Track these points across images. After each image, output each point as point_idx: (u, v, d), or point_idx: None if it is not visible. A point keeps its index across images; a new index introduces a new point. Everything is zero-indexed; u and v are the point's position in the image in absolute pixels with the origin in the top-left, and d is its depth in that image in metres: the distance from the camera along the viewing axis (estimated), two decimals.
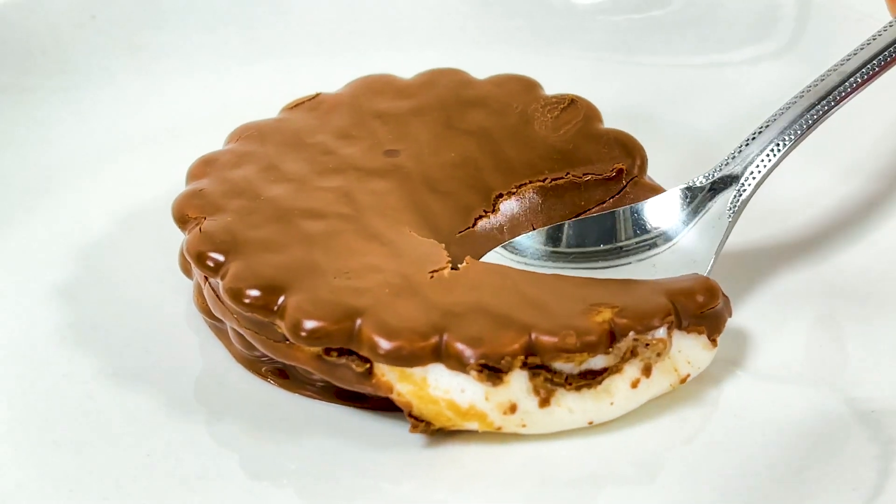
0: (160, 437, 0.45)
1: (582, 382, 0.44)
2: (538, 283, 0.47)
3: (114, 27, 0.61)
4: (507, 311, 0.45)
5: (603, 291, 0.46)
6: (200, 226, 0.48)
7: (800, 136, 0.49)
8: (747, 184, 0.48)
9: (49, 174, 0.56)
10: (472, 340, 0.44)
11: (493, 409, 0.44)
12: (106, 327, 0.49)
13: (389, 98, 0.54)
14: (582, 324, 0.44)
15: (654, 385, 0.45)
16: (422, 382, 0.44)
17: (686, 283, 0.46)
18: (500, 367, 0.44)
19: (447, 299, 0.45)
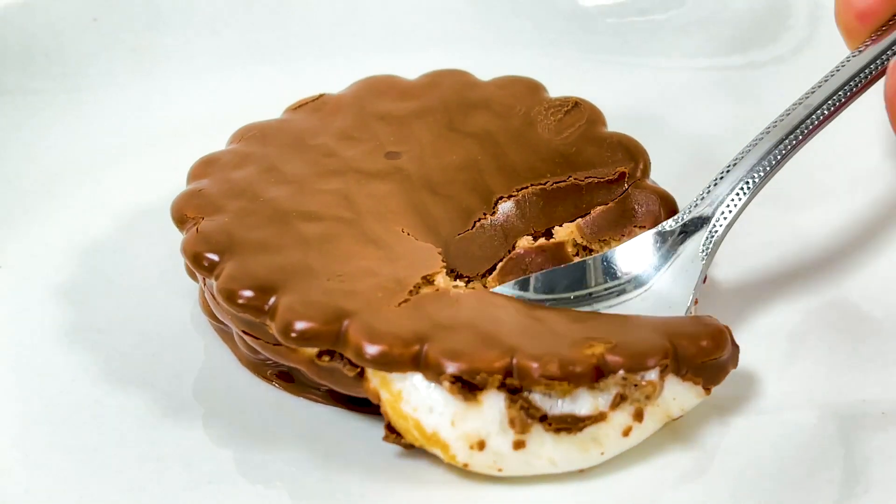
0: (169, 441, 0.46)
1: (561, 425, 0.43)
2: (539, 314, 0.46)
3: (116, 29, 0.61)
4: (495, 331, 0.44)
5: (604, 326, 0.45)
6: (198, 226, 0.48)
7: (769, 172, 0.48)
8: (718, 224, 0.47)
9: (52, 176, 0.56)
10: (452, 353, 0.43)
11: (457, 439, 0.43)
12: (112, 331, 0.49)
13: (393, 99, 0.54)
14: (569, 354, 0.43)
15: (646, 431, 0.45)
16: (397, 395, 0.44)
17: (693, 327, 0.45)
18: (476, 384, 0.43)
19: (441, 313, 0.45)
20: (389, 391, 0.44)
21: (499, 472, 0.44)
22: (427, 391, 0.43)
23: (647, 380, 0.43)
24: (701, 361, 0.44)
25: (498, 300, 0.47)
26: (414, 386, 0.43)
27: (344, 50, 0.62)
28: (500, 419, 0.43)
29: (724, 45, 0.60)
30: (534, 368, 0.43)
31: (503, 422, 0.43)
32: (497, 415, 0.43)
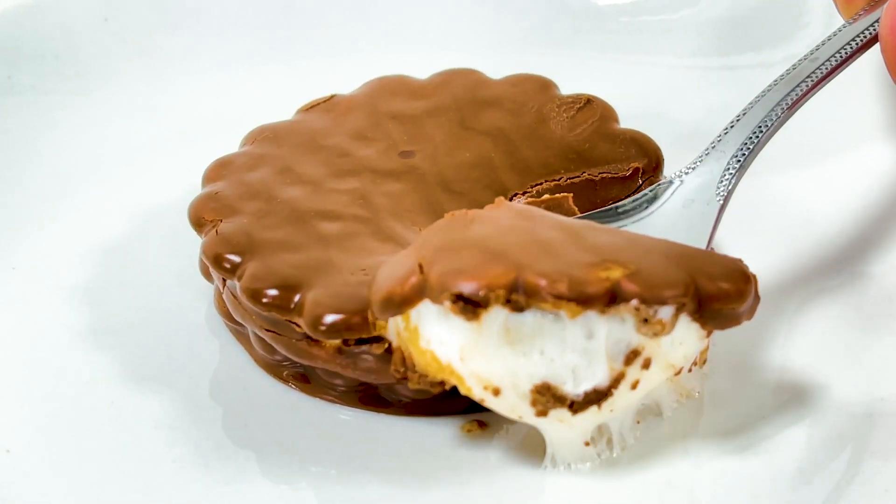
0: (185, 443, 0.46)
1: (587, 405, 0.43)
2: (562, 229, 0.44)
3: (128, 30, 0.61)
4: (506, 248, 0.42)
5: (626, 249, 0.42)
6: (217, 228, 0.48)
7: (779, 119, 0.48)
8: (732, 168, 0.47)
9: (65, 178, 0.56)
10: (454, 272, 0.41)
11: (469, 376, 0.42)
12: (127, 332, 0.49)
13: (404, 99, 0.54)
14: (581, 274, 0.41)
15: (651, 382, 0.43)
16: (414, 331, 0.43)
17: (718, 266, 0.42)
18: (479, 301, 0.41)
19: (451, 236, 0.43)
20: (408, 329, 0.43)
21: (519, 418, 0.43)
22: (436, 323, 0.42)
23: (659, 317, 0.42)
24: (718, 306, 0.42)
25: (519, 214, 0.45)
26: (426, 319, 0.43)
27: (355, 50, 0.62)
28: (512, 378, 0.42)
29: (738, 43, 0.60)
30: (542, 286, 0.41)
31: (525, 399, 0.42)
32: (507, 369, 0.42)
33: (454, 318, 0.42)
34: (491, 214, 0.44)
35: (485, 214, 0.44)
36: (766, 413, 0.46)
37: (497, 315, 0.42)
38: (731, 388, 0.47)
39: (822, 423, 0.45)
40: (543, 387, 0.42)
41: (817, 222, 0.53)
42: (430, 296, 0.42)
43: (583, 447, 0.44)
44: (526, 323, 0.42)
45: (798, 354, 0.48)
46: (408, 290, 0.42)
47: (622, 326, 0.42)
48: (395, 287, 0.42)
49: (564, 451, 0.44)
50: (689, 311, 0.42)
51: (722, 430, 0.45)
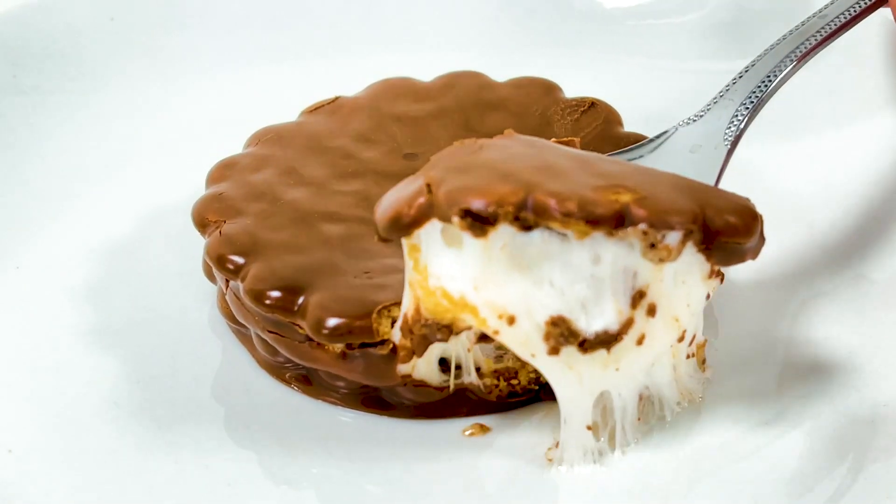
0: (187, 444, 0.46)
1: (597, 346, 0.42)
2: (571, 157, 0.44)
3: (133, 30, 0.61)
4: (516, 170, 0.42)
5: (636, 177, 0.43)
6: (220, 229, 0.48)
7: (788, 71, 0.49)
8: (740, 114, 0.48)
9: (69, 177, 0.56)
10: (463, 189, 0.41)
11: (484, 305, 0.42)
12: (130, 333, 0.50)
13: (409, 101, 0.54)
14: (592, 195, 0.41)
15: (656, 339, 0.43)
16: (423, 272, 0.43)
17: (726, 201, 0.43)
18: (487, 217, 0.41)
19: (460, 159, 0.43)
20: (417, 269, 0.43)
21: (531, 357, 0.43)
22: (447, 257, 0.42)
23: (666, 242, 0.42)
24: (725, 239, 0.42)
25: (527, 142, 0.45)
26: (436, 255, 0.43)
27: (359, 52, 0.62)
28: (526, 305, 0.42)
29: (743, 47, 0.59)
30: (551, 204, 0.41)
31: (532, 311, 0.42)
32: (521, 295, 0.42)
33: (465, 248, 0.42)
34: (500, 142, 0.44)
35: (494, 142, 0.44)
36: (768, 418, 0.46)
37: (504, 233, 0.41)
38: (732, 393, 0.46)
39: (823, 429, 0.45)
40: (559, 319, 0.42)
41: (819, 225, 0.53)
42: (437, 214, 0.42)
43: (584, 430, 0.44)
44: (532, 243, 0.42)
45: (799, 359, 0.48)
46: (415, 209, 0.42)
47: (629, 252, 0.42)
48: (402, 207, 0.42)
49: (567, 428, 0.44)
50: (695, 240, 0.42)
51: (723, 434, 0.45)
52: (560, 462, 0.44)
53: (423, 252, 0.43)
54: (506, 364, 0.46)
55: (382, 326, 0.44)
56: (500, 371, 0.46)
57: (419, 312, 0.43)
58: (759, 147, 0.55)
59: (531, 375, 0.46)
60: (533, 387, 0.47)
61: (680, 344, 0.44)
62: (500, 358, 0.46)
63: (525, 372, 0.46)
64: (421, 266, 0.43)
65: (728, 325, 0.49)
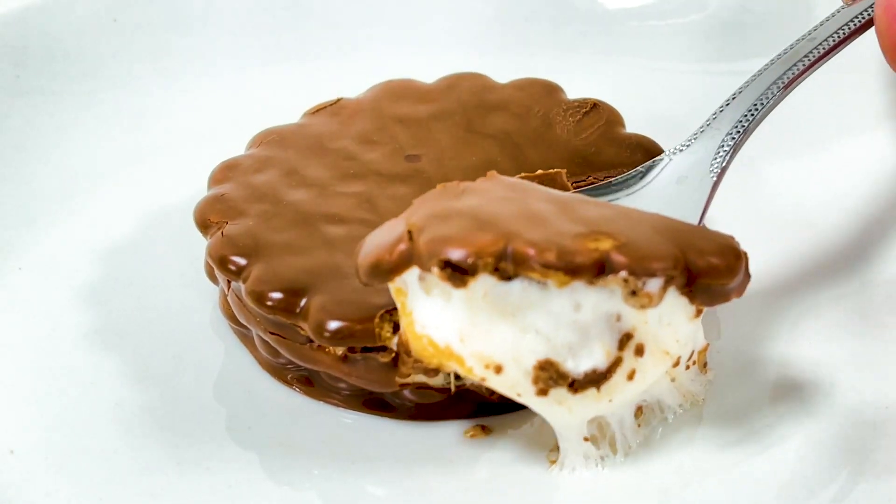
0: (189, 445, 0.46)
1: (587, 386, 0.43)
2: (552, 200, 0.44)
3: (137, 31, 0.61)
4: (496, 218, 0.42)
5: (616, 221, 0.42)
6: (223, 230, 0.48)
7: (776, 96, 0.48)
8: (727, 143, 0.47)
9: (72, 178, 0.56)
10: (442, 239, 0.41)
11: (470, 356, 0.42)
12: (132, 333, 0.50)
13: (411, 103, 0.54)
14: (571, 244, 0.41)
15: (647, 373, 0.43)
16: (409, 315, 0.43)
17: (708, 242, 0.42)
18: (467, 269, 0.41)
19: (442, 205, 0.43)
20: (404, 314, 0.43)
21: (518, 396, 0.43)
22: (431, 308, 0.42)
23: (647, 290, 0.41)
24: (707, 281, 0.42)
25: (511, 186, 0.44)
26: (420, 305, 0.43)
27: (362, 54, 0.62)
28: (514, 354, 0.42)
29: (746, 48, 0.60)
30: (531, 255, 0.41)
31: (528, 376, 0.42)
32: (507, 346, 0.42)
33: (450, 300, 0.42)
34: (482, 186, 0.44)
35: (476, 186, 0.44)
36: (770, 420, 0.46)
37: (484, 283, 0.41)
38: (734, 395, 0.46)
39: (826, 432, 0.45)
40: (546, 363, 0.42)
41: (821, 228, 0.53)
42: (418, 263, 0.42)
43: (582, 441, 0.44)
44: (513, 292, 0.42)
45: (802, 362, 0.48)
46: (396, 256, 0.42)
47: (610, 298, 0.42)
48: (383, 254, 0.42)
49: (565, 441, 0.44)
50: (677, 284, 0.42)
51: (725, 436, 0.45)
52: (562, 467, 0.44)
53: (408, 297, 0.43)
54: None
55: (384, 331, 0.45)
56: None
57: (408, 355, 0.43)
58: (763, 152, 0.55)
59: None
60: None
61: (676, 369, 0.45)
62: None
63: None
64: (408, 310, 0.43)
65: (730, 328, 0.49)
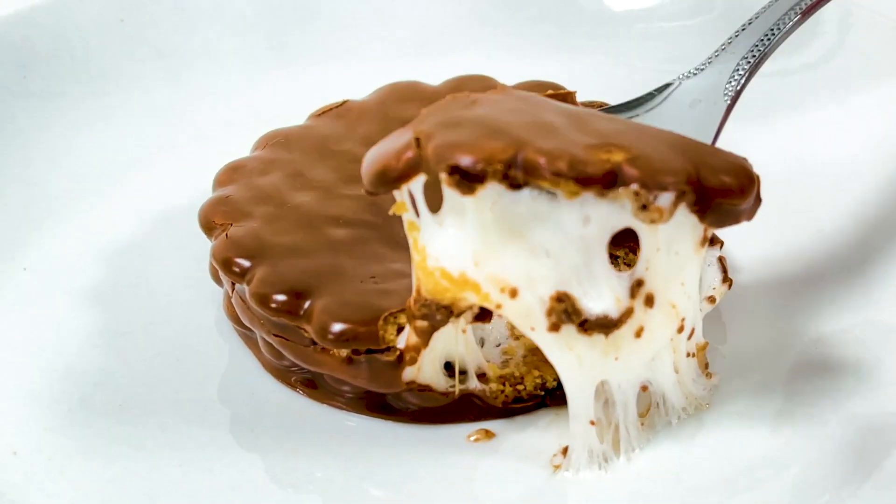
0: (192, 447, 0.46)
1: (596, 329, 0.42)
2: (565, 113, 0.43)
3: (142, 32, 0.61)
4: (507, 126, 0.41)
5: (630, 135, 0.41)
6: (227, 232, 0.48)
7: (790, 25, 0.47)
8: (741, 70, 0.46)
9: (77, 180, 0.56)
10: (452, 145, 0.40)
11: (486, 280, 0.42)
12: (136, 335, 0.50)
13: (417, 105, 0.53)
14: (583, 155, 0.40)
15: (655, 333, 0.43)
16: (423, 251, 0.42)
17: (721, 161, 0.41)
18: (476, 174, 0.40)
19: (451, 113, 0.42)
20: (417, 250, 0.43)
21: (531, 331, 0.42)
22: (446, 237, 0.42)
23: (658, 204, 0.40)
24: (719, 200, 0.41)
25: (522, 98, 0.44)
26: (435, 235, 0.42)
27: (368, 56, 0.62)
28: (527, 276, 0.41)
29: None
30: (541, 163, 0.40)
31: (533, 283, 0.41)
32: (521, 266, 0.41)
33: (464, 227, 0.41)
34: (493, 97, 0.43)
35: (487, 97, 0.43)
36: (775, 425, 0.45)
37: (492, 191, 0.41)
38: (739, 399, 0.46)
39: (831, 437, 0.45)
40: (564, 294, 0.42)
41: (828, 231, 0.53)
42: (425, 169, 0.41)
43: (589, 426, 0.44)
44: (521, 202, 0.41)
45: (807, 366, 0.47)
46: (403, 163, 0.41)
47: (620, 212, 0.41)
48: (390, 160, 0.41)
49: (574, 421, 0.43)
50: (688, 200, 0.41)
51: (729, 441, 0.45)
52: (567, 466, 0.44)
53: (421, 231, 0.42)
54: (511, 370, 0.46)
55: (388, 333, 0.44)
56: (506, 376, 0.46)
57: (420, 293, 0.43)
58: (769, 150, 0.54)
59: (537, 381, 0.46)
60: (539, 392, 0.46)
61: (680, 335, 0.44)
62: (506, 363, 0.46)
63: (531, 377, 0.46)
64: (420, 246, 0.42)
65: (735, 332, 0.49)
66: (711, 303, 0.48)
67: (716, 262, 0.49)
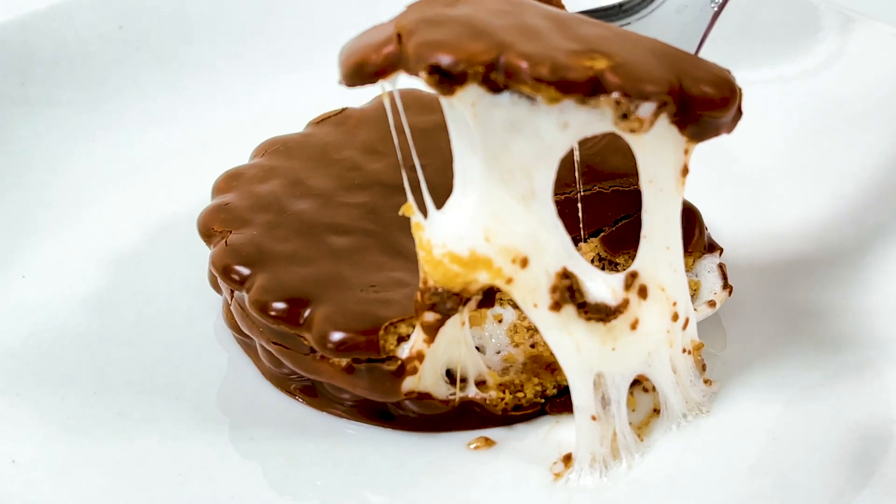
0: (191, 456, 0.45)
1: (594, 315, 0.42)
2: (549, 17, 0.42)
3: (141, 39, 0.61)
4: (490, 28, 0.40)
5: (614, 42, 0.41)
6: (226, 239, 0.48)
7: None
8: None
9: (76, 187, 0.56)
10: (433, 43, 0.39)
11: (498, 253, 0.41)
12: (136, 343, 0.49)
13: (416, 112, 0.53)
14: (565, 60, 0.39)
15: (650, 323, 0.43)
16: (427, 245, 0.42)
17: (703, 71, 0.41)
18: (456, 75, 0.39)
19: (435, 10, 0.41)
20: (422, 246, 0.42)
21: (534, 308, 0.42)
22: (451, 219, 0.42)
23: (638, 114, 0.40)
24: (699, 112, 0.40)
25: (509, 3, 0.43)
26: (438, 222, 0.42)
27: None
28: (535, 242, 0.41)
29: (753, 58, 0.59)
30: (523, 67, 0.39)
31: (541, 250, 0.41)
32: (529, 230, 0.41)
33: (468, 205, 0.41)
34: None
35: None
36: (775, 433, 0.45)
37: (472, 93, 0.40)
38: (740, 407, 0.46)
39: (832, 445, 0.45)
40: (569, 271, 0.42)
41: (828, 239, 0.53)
42: (404, 66, 0.40)
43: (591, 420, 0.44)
44: (501, 105, 0.40)
45: (807, 373, 0.47)
46: (382, 58, 0.40)
47: (599, 120, 0.40)
48: (368, 53, 0.40)
49: (577, 399, 0.44)
50: (669, 111, 0.40)
51: (729, 448, 0.45)
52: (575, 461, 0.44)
53: (425, 229, 0.42)
54: (511, 377, 0.46)
55: (389, 343, 0.44)
56: (506, 384, 0.46)
57: (427, 285, 0.43)
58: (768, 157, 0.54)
59: (537, 389, 0.46)
60: (538, 400, 0.46)
61: (675, 325, 0.44)
62: (506, 371, 0.46)
63: (531, 385, 0.46)
64: (425, 242, 0.42)
65: (735, 338, 0.49)
66: (712, 307, 0.48)
67: (716, 269, 0.49)
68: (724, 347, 0.49)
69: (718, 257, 0.49)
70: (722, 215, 0.54)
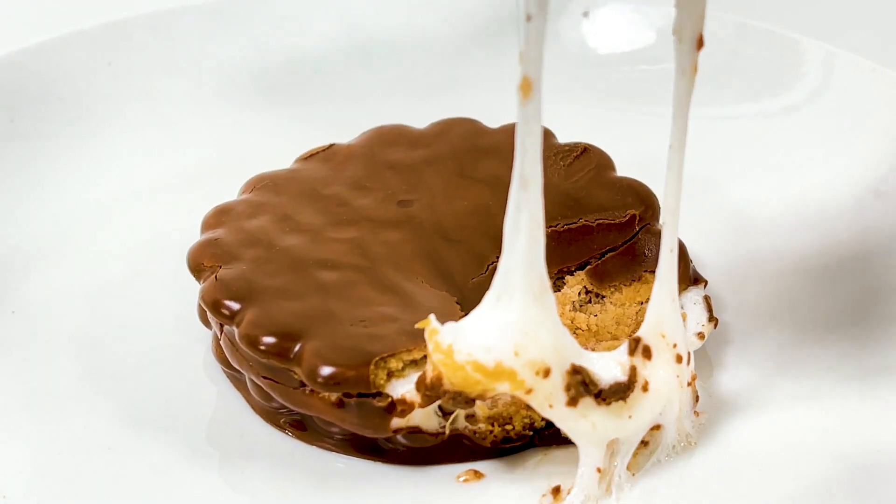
0: (181, 490, 0.45)
1: (613, 398, 0.43)
2: None
3: (129, 74, 0.61)
4: None
5: None
6: (216, 274, 0.48)
7: None
8: None
9: (65, 222, 0.56)
10: None
11: (524, 366, 0.42)
12: (125, 377, 0.49)
13: (403, 148, 0.54)
14: None
15: (660, 378, 0.44)
16: (448, 351, 0.43)
17: None
18: None
19: None
20: (440, 350, 0.43)
21: (549, 408, 0.43)
22: (478, 333, 0.42)
23: None
24: None
25: None
26: (464, 332, 0.43)
27: (354, 98, 0.62)
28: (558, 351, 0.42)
29: (736, 93, 0.60)
30: None
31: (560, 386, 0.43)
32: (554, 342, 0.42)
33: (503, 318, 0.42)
34: None
35: None
36: (760, 461, 0.46)
37: None
38: (725, 436, 0.46)
39: (816, 474, 0.45)
40: (579, 367, 0.43)
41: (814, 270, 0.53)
42: None
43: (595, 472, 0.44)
44: None
45: (794, 402, 0.48)
46: None
47: None
48: None
49: (582, 467, 0.44)
50: None
51: (718, 481, 0.45)
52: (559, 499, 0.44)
53: (441, 333, 0.43)
54: (500, 410, 0.46)
55: (379, 378, 0.45)
56: (495, 417, 0.46)
57: (441, 382, 0.43)
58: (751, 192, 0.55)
59: (525, 421, 0.47)
60: (527, 432, 0.47)
61: (680, 366, 0.45)
62: (495, 403, 0.47)
63: (519, 417, 0.46)
64: (444, 347, 0.43)
65: (722, 370, 0.49)
66: (701, 339, 0.48)
67: (702, 301, 0.49)
68: (709, 377, 0.49)
69: (703, 290, 0.50)
70: (706, 248, 0.54)
